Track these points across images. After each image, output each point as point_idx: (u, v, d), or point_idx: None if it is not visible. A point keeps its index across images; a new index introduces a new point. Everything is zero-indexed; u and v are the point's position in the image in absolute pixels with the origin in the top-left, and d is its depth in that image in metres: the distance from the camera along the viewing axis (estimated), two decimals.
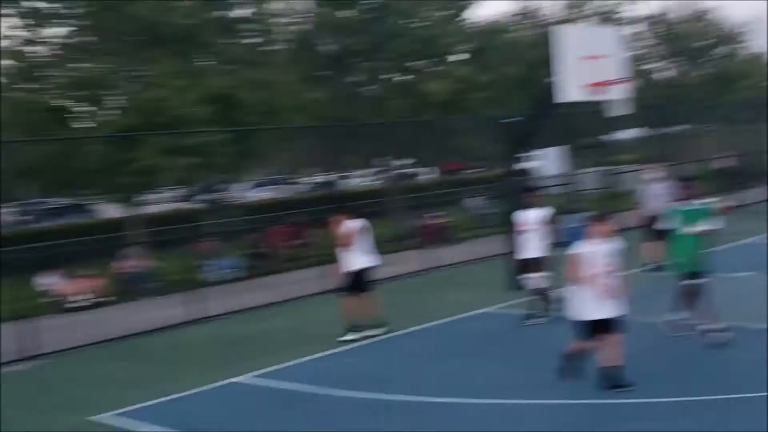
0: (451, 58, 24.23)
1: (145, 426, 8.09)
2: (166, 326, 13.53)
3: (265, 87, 19.90)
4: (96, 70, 18.58)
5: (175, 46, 19.12)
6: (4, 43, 19.15)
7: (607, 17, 32.51)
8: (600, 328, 7.63)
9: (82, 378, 10.72)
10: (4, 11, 18.71)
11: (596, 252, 7.61)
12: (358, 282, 11.19)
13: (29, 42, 19.20)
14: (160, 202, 34.79)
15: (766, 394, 7.17)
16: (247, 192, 48.61)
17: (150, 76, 18.76)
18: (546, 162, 35.29)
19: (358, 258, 11.18)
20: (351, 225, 11.20)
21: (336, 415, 8.07)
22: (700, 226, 9.05)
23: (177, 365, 10.94)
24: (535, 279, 11.12)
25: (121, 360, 11.61)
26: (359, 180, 50.83)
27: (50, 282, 17.54)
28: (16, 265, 13.36)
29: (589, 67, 13.24)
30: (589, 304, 7.59)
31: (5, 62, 19.67)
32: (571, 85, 13.17)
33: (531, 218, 11.25)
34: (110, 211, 28.37)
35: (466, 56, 24.55)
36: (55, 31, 19.47)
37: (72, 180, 19.71)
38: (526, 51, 28.79)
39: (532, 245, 11.14)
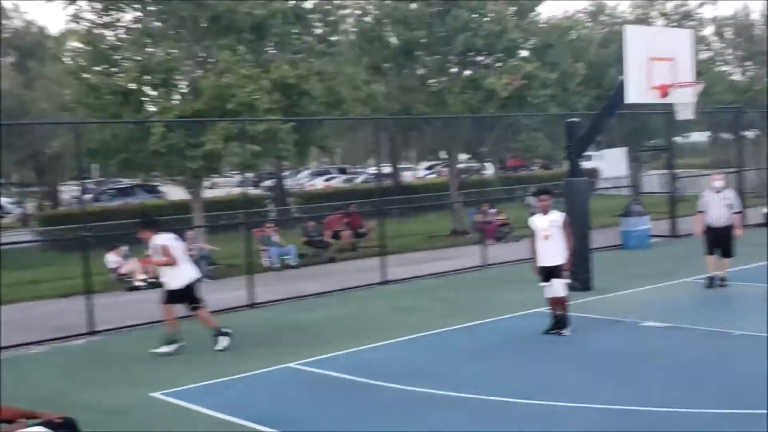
0: (518, 53, 23.97)
1: (199, 407, 8.28)
2: (222, 309, 13.78)
3: (330, 78, 20.03)
4: (165, 56, 18.94)
5: (245, 35, 19.37)
6: (75, 26, 19.67)
7: (684, 17, 31.84)
8: None
9: (140, 355, 11.01)
10: None
11: None
12: (187, 295, 10.95)
13: (99, 26, 19.66)
14: (223, 187, 35.49)
15: None
16: (307, 180, 49.15)
17: (218, 63, 19.05)
18: (608, 163, 34.95)
19: (183, 272, 10.92)
20: (166, 239, 10.84)
21: (384, 405, 8.18)
22: None
23: (231, 348, 11.13)
24: (554, 286, 10.82)
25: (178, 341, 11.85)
26: (421, 173, 50.89)
27: (117, 260, 18.06)
28: (89, 241, 13.70)
29: (658, 68, 13.03)
30: None
31: (76, 45, 20.18)
32: (639, 85, 12.98)
33: (548, 223, 10.82)
34: (177, 193, 29.00)
35: (532, 52, 24.27)
36: (124, 16, 19.89)
37: (141, 162, 20.11)
38: (594, 49, 28.39)
39: (551, 251, 10.75)
